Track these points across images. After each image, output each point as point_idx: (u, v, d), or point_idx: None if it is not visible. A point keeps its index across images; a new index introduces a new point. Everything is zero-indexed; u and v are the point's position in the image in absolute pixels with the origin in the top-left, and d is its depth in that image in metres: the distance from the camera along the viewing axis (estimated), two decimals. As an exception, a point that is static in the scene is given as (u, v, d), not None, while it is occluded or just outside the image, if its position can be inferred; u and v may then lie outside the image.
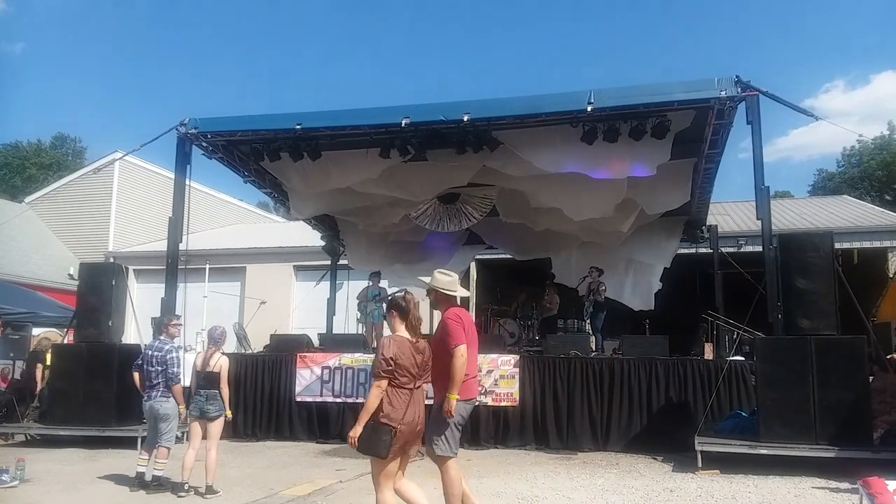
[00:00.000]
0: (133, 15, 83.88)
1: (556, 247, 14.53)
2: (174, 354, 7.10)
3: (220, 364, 6.73)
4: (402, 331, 4.56)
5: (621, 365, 9.69)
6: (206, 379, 6.65)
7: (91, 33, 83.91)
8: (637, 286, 14.36)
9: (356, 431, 4.33)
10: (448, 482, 4.91)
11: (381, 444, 4.29)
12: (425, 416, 4.67)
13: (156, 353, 6.99)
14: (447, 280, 5.20)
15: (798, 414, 7.58)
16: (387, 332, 4.88)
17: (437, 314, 5.54)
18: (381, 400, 4.34)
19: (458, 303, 5.25)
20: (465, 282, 19.34)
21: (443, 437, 4.90)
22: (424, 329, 4.86)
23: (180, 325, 7.89)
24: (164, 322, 7.44)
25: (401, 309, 4.58)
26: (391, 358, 4.35)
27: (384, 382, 4.35)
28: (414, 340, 4.53)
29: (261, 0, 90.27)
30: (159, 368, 6.94)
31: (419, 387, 4.55)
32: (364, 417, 4.33)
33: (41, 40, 79.82)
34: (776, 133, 70.97)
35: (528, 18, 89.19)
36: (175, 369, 7.00)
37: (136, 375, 7.17)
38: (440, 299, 5.20)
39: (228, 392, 6.82)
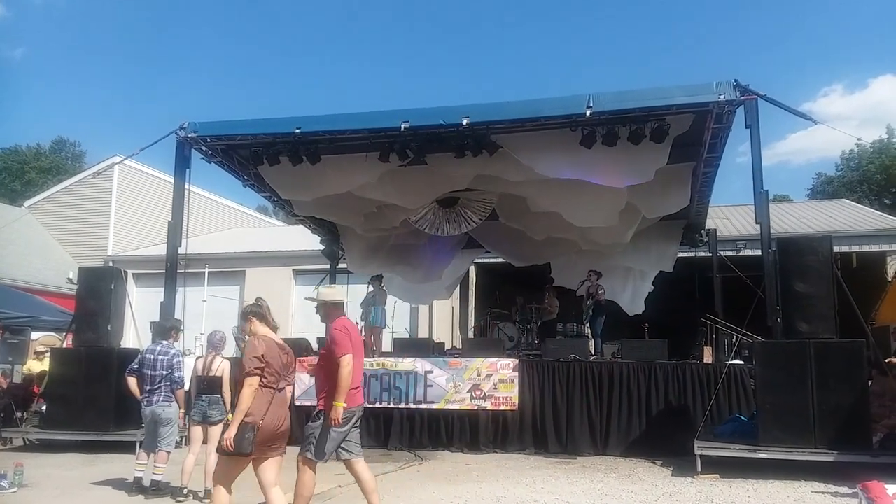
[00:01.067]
0: (133, 19, 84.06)
1: (556, 251, 14.55)
2: (180, 359, 7.09)
3: (223, 368, 6.72)
4: (267, 331, 4.66)
5: (620, 369, 9.68)
6: (209, 383, 6.64)
7: (91, 38, 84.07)
8: (636, 290, 14.39)
9: (231, 433, 4.31)
10: (300, 483, 5.09)
11: (244, 442, 4.29)
12: (290, 420, 4.78)
13: (160, 357, 6.96)
14: (331, 292, 5.55)
15: (797, 418, 7.57)
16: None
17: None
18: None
19: (345, 313, 5.50)
20: (464, 286, 19.39)
21: (319, 442, 5.08)
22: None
23: (182, 329, 7.90)
24: (175, 326, 7.43)
25: (258, 314, 4.71)
26: (262, 356, 4.43)
27: (256, 381, 4.40)
28: (280, 343, 4.64)
29: (261, 3, 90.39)
30: (164, 373, 6.91)
31: (283, 389, 4.62)
32: (238, 418, 4.34)
33: (41, 45, 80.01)
34: (775, 137, 71.15)
35: (527, 22, 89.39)
36: (180, 374, 6.98)
37: (132, 380, 7.13)
38: (329, 312, 5.41)
39: (230, 396, 6.83)
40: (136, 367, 7.13)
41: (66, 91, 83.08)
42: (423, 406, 9.97)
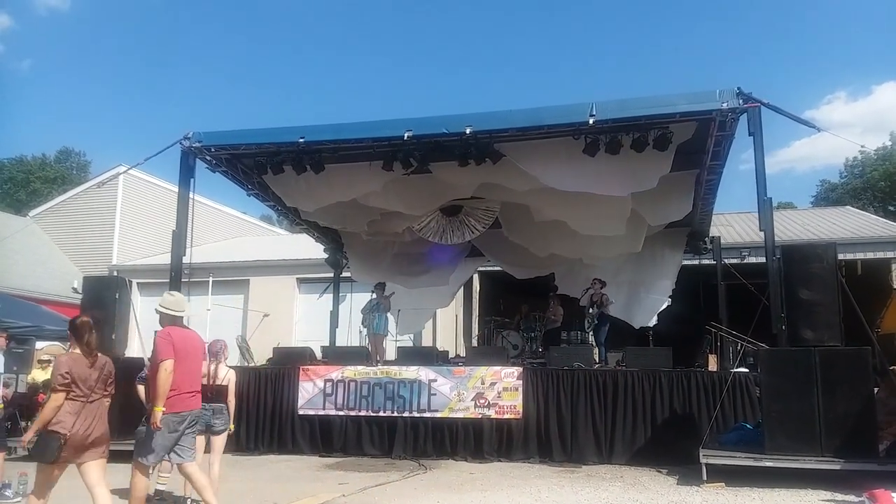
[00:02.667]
0: (137, 29, 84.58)
1: (559, 262, 14.53)
2: None
3: (229, 377, 6.73)
4: (77, 350, 5.02)
5: (625, 377, 9.65)
6: (215, 392, 6.63)
7: (95, 48, 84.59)
8: (641, 303, 14.31)
9: (27, 437, 4.88)
10: (132, 485, 5.44)
11: (48, 451, 4.73)
12: (106, 427, 5.14)
13: None
14: (171, 300, 5.68)
15: (803, 426, 7.53)
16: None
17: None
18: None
19: (186, 323, 5.71)
20: (468, 294, 19.39)
21: (145, 446, 5.35)
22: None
23: None
24: None
25: (75, 332, 5.07)
26: (67, 373, 4.82)
27: (60, 396, 4.79)
28: (89, 358, 4.98)
29: (263, 10, 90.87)
30: None
31: (94, 400, 5.01)
32: (36, 426, 4.84)
33: (47, 56, 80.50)
34: (778, 144, 71.20)
35: (529, 30, 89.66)
36: None
37: (141, 388, 7.14)
38: (164, 319, 5.62)
39: (234, 405, 6.83)
40: (144, 375, 7.14)
41: (72, 101, 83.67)
42: (427, 415, 9.96)
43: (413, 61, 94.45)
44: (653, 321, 14.15)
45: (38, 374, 12.54)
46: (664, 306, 14.19)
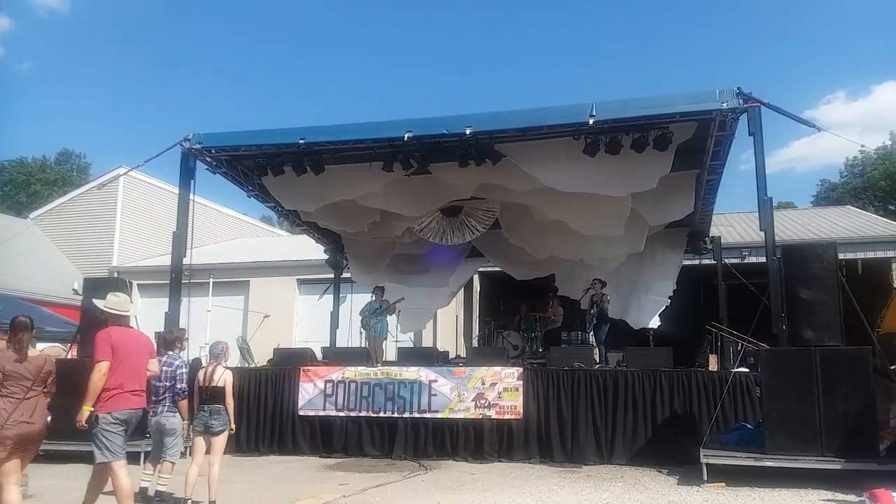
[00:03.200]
0: (137, 31, 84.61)
1: (559, 263, 14.53)
2: (184, 370, 7.11)
3: (225, 378, 6.72)
4: (4, 346, 5.30)
5: (625, 377, 9.65)
6: (211, 394, 6.64)
7: (95, 50, 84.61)
8: (642, 304, 14.30)
9: None
10: (115, 488, 5.49)
11: None
12: (41, 425, 5.26)
13: (165, 368, 6.97)
14: (115, 300, 5.80)
15: (803, 426, 7.53)
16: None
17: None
18: None
19: (131, 322, 5.86)
20: (468, 294, 19.39)
21: (98, 445, 5.43)
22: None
23: (186, 339, 7.92)
24: (178, 336, 7.45)
25: (12, 328, 5.28)
26: None
27: None
28: (18, 354, 5.15)
29: (264, 12, 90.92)
30: (168, 384, 6.94)
31: (31, 397, 5.14)
32: None
33: (47, 58, 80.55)
34: (778, 144, 71.19)
35: (525, 29, 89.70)
36: (183, 384, 7.00)
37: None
38: (109, 319, 5.74)
39: (234, 406, 6.84)
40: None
41: (72, 103, 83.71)
42: (428, 415, 9.96)
43: (413, 62, 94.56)
44: (654, 322, 14.14)
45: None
46: (663, 307, 14.19)
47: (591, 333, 12.95)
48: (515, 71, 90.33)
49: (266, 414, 10.55)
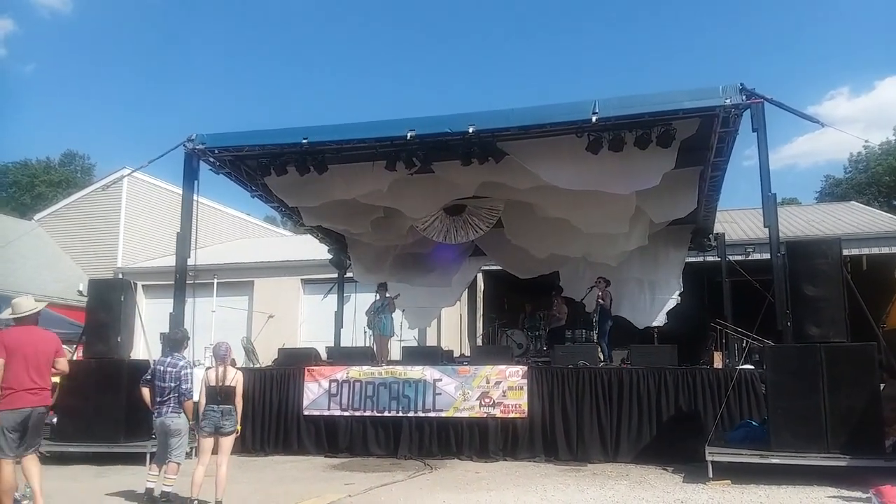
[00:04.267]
0: (141, 32, 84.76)
1: (563, 262, 14.51)
2: (189, 371, 7.10)
3: (237, 379, 6.73)
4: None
5: (630, 375, 9.63)
6: (223, 394, 6.64)
7: (99, 51, 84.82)
8: (648, 303, 14.26)
9: None
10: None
11: None
12: None
13: (169, 369, 6.97)
14: (16, 302, 6.14)
15: (809, 422, 7.51)
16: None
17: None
18: None
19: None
20: (472, 293, 19.39)
21: None
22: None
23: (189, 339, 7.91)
24: (185, 337, 7.46)
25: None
26: None
27: None
28: None
29: (266, 13, 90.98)
30: (173, 384, 6.93)
31: None
32: None
33: (51, 60, 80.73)
34: (781, 140, 70.92)
35: (531, 29, 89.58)
36: (188, 385, 6.99)
37: (145, 391, 7.17)
38: (16, 322, 6.07)
39: (242, 406, 6.85)
40: (148, 377, 7.16)
41: (75, 104, 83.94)
42: (433, 414, 9.96)
43: (413, 63, 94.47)
44: (661, 320, 14.10)
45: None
46: (673, 305, 14.15)
47: (596, 329, 12.90)
48: (517, 70, 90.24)
49: (271, 414, 10.56)
